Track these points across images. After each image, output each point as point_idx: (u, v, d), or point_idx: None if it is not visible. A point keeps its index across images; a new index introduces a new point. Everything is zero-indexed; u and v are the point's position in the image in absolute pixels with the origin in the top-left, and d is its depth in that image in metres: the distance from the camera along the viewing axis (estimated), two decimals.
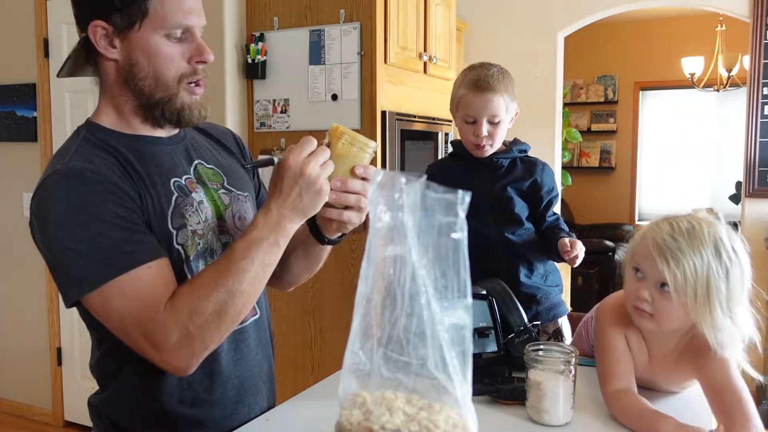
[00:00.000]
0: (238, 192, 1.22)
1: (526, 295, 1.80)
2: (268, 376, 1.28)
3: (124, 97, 1.11)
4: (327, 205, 1.05)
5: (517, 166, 1.86)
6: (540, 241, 1.85)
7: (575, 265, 1.78)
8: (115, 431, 1.15)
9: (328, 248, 1.24)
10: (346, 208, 1.07)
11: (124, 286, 0.98)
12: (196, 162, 1.19)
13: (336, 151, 1.03)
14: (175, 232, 1.08)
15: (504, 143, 1.87)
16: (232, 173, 1.24)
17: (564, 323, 1.89)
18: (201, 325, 0.98)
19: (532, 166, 1.86)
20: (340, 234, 1.17)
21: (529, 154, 1.91)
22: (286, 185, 1.00)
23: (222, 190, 1.19)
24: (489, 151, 1.81)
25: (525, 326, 1.38)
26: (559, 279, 1.92)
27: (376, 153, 1.08)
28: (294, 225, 1.03)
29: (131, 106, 1.11)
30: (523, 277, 1.81)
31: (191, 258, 1.10)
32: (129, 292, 0.98)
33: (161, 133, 1.15)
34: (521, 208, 1.83)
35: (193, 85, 1.11)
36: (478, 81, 1.76)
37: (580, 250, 1.73)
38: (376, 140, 2.72)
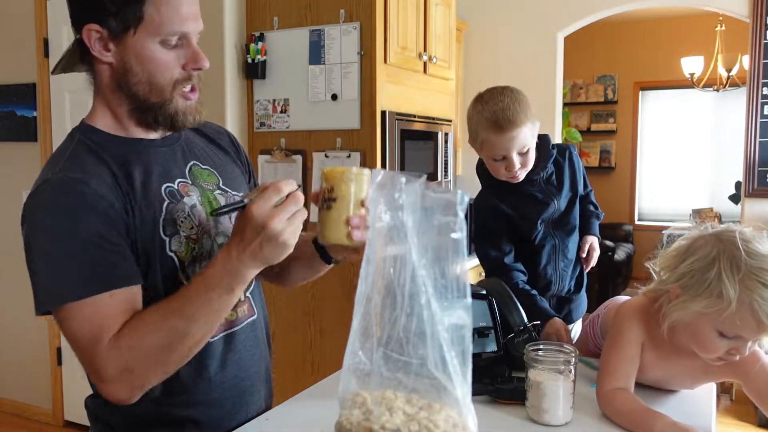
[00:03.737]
0: (233, 193, 1.22)
1: (563, 296, 1.85)
2: (266, 376, 1.28)
3: (118, 101, 1.10)
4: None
5: (557, 165, 1.82)
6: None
7: (587, 269, 1.89)
8: None
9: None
10: None
11: (82, 310, 0.98)
12: (191, 163, 1.18)
13: (341, 193, 1.02)
14: (167, 239, 1.08)
15: None
16: (227, 174, 1.23)
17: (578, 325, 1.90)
18: (141, 360, 0.98)
19: (562, 154, 1.84)
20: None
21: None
22: (248, 234, 0.97)
23: (218, 191, 1.19)
24: (523, 175, 1.73)
25: (525, 326, 1.38)
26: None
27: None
28: (253, 272, 1.00)
29: (125, 109, 1.10)
30: (568, 279, 1.86)
31: (186, 264, 1.10)
32: (84, 317, 0.98)
33: (156, 135, 1.15)
34: (576, 212, 1.85)
35: (188, 90, 1.09)
36: (496, 120, 1.63)
37: (593, 256, 1.86)
38: (376, 140, 2.72)
